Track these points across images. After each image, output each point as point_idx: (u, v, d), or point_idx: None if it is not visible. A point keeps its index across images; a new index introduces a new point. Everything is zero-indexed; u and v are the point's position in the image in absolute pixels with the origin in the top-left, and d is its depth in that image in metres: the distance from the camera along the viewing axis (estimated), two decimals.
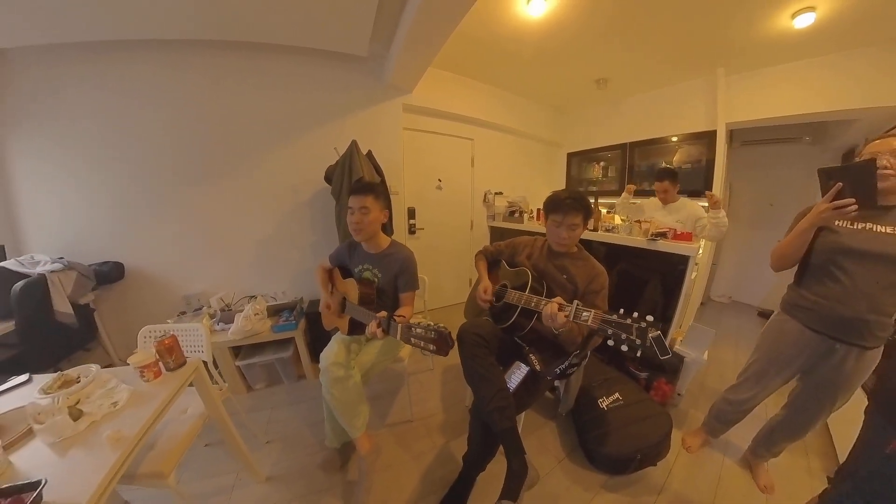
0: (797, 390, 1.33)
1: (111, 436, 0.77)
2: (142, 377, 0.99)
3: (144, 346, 1.30)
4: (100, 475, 0.72)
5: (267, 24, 2.06)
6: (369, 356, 1.50)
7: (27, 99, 2.06)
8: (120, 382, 0.97)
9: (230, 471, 1.51)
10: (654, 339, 0.92)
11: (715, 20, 2.18)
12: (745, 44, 2.43)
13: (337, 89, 2.60)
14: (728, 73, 2.84)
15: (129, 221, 2.32)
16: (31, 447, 0.82)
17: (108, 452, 0.76)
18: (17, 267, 1.96)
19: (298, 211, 2.62)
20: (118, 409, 0.89)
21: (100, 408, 0.88)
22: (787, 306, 1.29)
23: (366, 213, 1.45)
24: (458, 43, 2.23)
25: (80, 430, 0.83)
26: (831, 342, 1.15)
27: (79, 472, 0.74)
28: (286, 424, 1.85)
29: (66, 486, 0.70)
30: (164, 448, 1.07)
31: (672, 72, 3.04)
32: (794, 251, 1.19)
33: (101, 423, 0.86)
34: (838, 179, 1.02)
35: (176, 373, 1.05)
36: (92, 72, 2.10)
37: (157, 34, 2.07)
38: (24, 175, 2.15)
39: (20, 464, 0.78)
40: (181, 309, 2.36)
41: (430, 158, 3.31)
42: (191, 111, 2.29)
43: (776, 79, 2.66)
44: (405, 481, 1.47)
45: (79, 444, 0.81)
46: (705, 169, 3.02)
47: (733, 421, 1.53)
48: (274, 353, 2.12)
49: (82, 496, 0.68)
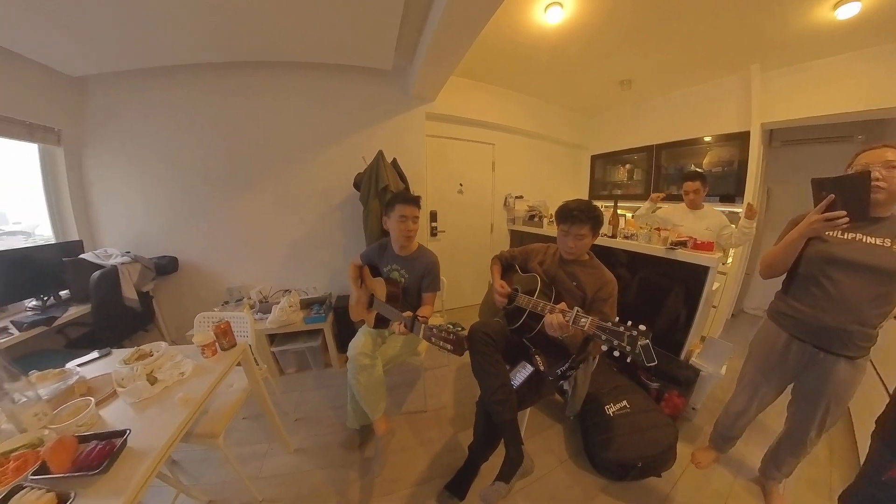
0: (792, 402, 1.32)
1: (182, 398, 0.97)
2: (202, 354, 1.20)
3: (200, 329, 1.52)
4: (172, 428, 0.92)
5: (301, 44, 2.27)
6: (392, 349, 1.66)
7: (98, 122, 2.42)
8: (184, 357, 1.19)
9: (264, 441, 1.74)
10: (643, 347, 1.00)
11: (749, 14, 2.04)
12: (783, 38, 2.24)
13: (364, 102, 2.79)
14: (764, 69, 2.64)
15: (182, 222, 2.64)
16: (116, 405, 1.04)
17: (179, 411, 0.96)
18: (94, 259, 2.28)
19: (329, 215, 2.85)
20: (185, 378, 1.10)
21: (170, 376, 1.09)
22: (773, 313, 1.30)
23: (416, 221, 1.65)
24: (478, 51, 2.23)
25: (155, 393, 1.04)
26: (815, 351, 1.15)
27: (155, 425, 0.94)
28: (313, 405, 2.06)
29: (144, 436, 0.90)
30: (215, 414, 1.28)
31: (701, 70, 2.89)
32: (783, 260, 1.18)
33: (172, 389, 1.07)
34: (831, 191, 1.01)
35: (228, 352, 1.26)
36: (149, 98, 2.44)
37: (206, 58, 2.36)
38: (98, 183, 2.52)
39: (107, 417, 0.99)
40: (224, 299, 2.64)
41: (451, 163, 3.44)
42: (233, 127, 2.58)
43: (818, 74, 2.44)
44: (415, 464, 1.62)
45: (154, 404, 1.02)
46: (737, 172, 2.87)
47: (734, 437, 1.52)
48: (305, 342, 2.35)
49: (158, 443, 0.88)
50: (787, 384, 1.31)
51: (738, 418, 1.45)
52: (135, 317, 2.35)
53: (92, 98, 2.40)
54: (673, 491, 1.49)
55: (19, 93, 2.08)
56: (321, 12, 1.88)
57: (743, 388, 1.41)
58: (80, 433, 0.88)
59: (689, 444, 1.71)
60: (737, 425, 1.47)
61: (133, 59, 2.26)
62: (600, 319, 1.09)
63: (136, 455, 0.84)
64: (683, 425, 1.84)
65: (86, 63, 2.25)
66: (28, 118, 2.16)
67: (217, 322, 1.25)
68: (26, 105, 2.13)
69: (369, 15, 1.91)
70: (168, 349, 1.22)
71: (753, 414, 1.41)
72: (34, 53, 2.07)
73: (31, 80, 2.13)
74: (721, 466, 1.61)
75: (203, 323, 1.55)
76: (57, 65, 2.22)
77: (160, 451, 0.85)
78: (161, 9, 1.76)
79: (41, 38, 1.93)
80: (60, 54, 2.13)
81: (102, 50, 2.11)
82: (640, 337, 1.01)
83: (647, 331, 1.03)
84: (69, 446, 0.83)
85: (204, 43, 2.17)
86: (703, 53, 2.58)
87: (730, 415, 1.48)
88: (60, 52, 2.11)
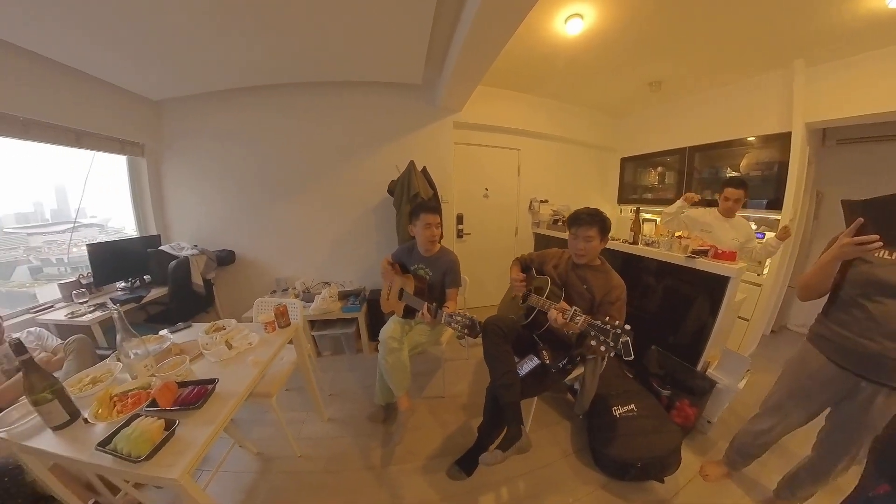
0: (825, 429, 1.23)
1: (253, 360, 1.27)
2: (265, 330, 1.50)
3: (258, 310, 1.84)
4: (247, 381, 1.20)
5: (341, 65, 2.58)
6: (417, 337, 1.89)
7: (173, 137, 2.92)
8: (250, 332, 1.49)
9: (303, 410, 2.05)
10: (623, 343, 1.17)
11: (792, 6, 1.92)
12: (831, 29, 2.05)
13: (396, 115, 3.05)
14: (809, 64, 2.41)
15: (240, 221, 3.07)
16: (202, 363, 1.35)
17: (251, 369, 1.25)
18: (169, 250, 2.72)
19: (365, 217, 3.16)
20: (252, 346, 1.40)
21: (242, 344, 1.39)
22: (813, 336, 1.20)
23: (439, 227, 1.88)
24: (502, 61, 2.23)
25: (231, 356, 1.34)
26: (856, 379, 1.06)
27: (234, 379, 1.23)
28: (345, 384, 2.36)
29: (226, 386, 1.18)
30: (270, 379, 1.57)
31: (738, 68, 2.70)
32: (819, 282, 1.12)
33: (244, 354, 1.37)
34: (861, 214, 0.96)
35: (285, 330, 1.57)
36: (213, 116, 2.89)
37: (259, 81, 2.75)
38: (172, 187, 3.01)
39: (197, 371, 1.30)
40: (273, 288, 3.01)
41: (478, 169, 3.59)
42: (282, 140, 2.96)
43: (871, 68, 2.20)
44: (430, 441, 1.83)
45: (231, 364, 1.32)
46: (777, 176, 2.63)
47: (752, 455, 1.45)
48: (341, 328, 2.67)
49: (237, 390, 1.16)
50: (821, 411, 1.22)
51: (758, 437, 1.38)
52: (200, 299, 2.77)
53: (168, 117, 2.89)
54: (675, 498, 1.49)
55: (114, 115, 2.57)
56: (359, 37, 2.15)
57: (769, 408, 1.35)
58: (178, 380, 1.18)
59: (700, 456, 1.70)
60: (756, 444, 1.40)
61: (199, 85, 2.71)
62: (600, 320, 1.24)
63: (221, 398, 1.12)
64: (696, 437, 1.83)
65: (163, 89, 2.72)
66: (121, 135, 2.66)
67: (276, 305, 1.55)
68: (119, 125, 2.62)
69: (400, 36, 2.13)
70: (237, 324, 1.54)
71: (776, 436, 1.34)
72: (125, 82, 2.56)
73: (122, 105, 2.63)
74: (732, 483, 1.55)
75: (261, 306, 1.87)
76: (142, 91, 2.72)
77: (240, 396, 1.14)
78: (221, 42, 2.12)
79: (130, 70, 2.39)
80: (144, 82, 2.62)
81: (176, 77, 2.56)
82: (623, 335, 1.18)
83: (629, 330, 1.19)
84: (172, 389, 1.12)
85: (257, 68, 2.55)
86: (740, 51, 2.43)
87: (750, 432, 1.41)
88: (144, 81, 2.59)
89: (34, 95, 2.05)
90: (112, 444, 0.91)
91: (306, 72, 2.67)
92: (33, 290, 2.55)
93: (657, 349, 2.06)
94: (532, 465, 1.65)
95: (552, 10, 2.06)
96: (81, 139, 2.40)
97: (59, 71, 2.14)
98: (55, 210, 2.89)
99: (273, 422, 1.91)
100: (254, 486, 1.57)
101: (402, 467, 1.67)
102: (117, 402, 1.07)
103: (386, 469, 1.66)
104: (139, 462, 0.86)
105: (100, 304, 2.27)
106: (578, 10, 2.05)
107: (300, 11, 1.83)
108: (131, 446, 0.88)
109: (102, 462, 0.91)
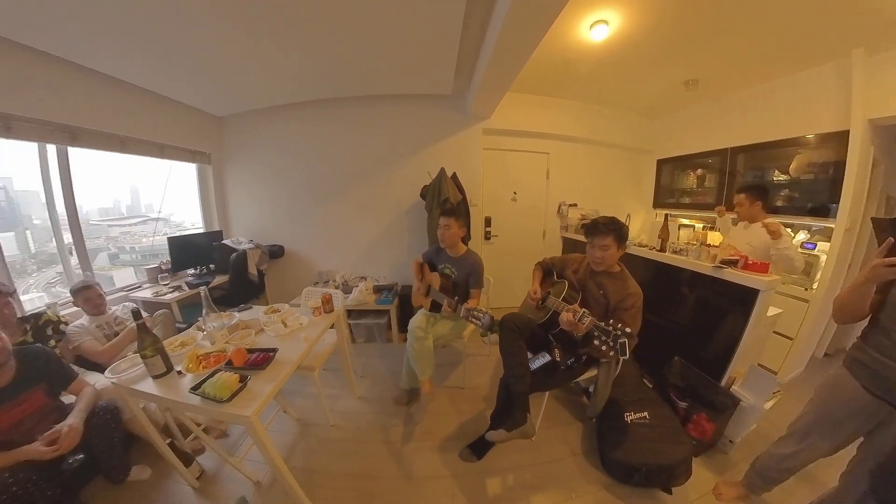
0: (856, 459, 1.13)
1: (304, 336, 1.55)
2: (313, 314, 1.78)
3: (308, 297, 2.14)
4: (299, 352, 1.48)
5: (379, 80, 2.84)
6: (442, 329, 2.10)
7: (233, 147, 3.39)
8: (301, 314, 1.77)
9: (337, 387, 2.35)
10: (620, 343, 1.30)
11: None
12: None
13: (429, 124, 3.28)
14: (870, 53, 2.14)
15: (288, 220, 3.48)
16: (263, 336, 1.65)
17: (303, 343, 1.53)
18: (230, 244, 3.12)
19: (399, 219, 3.43)
20: (303, 326, 1.68)
21: (294, 324, 1.67)
22: (849, 360, 1.13)
23: (448, 228, 2.08)
24: (530, 68, 2.23)
25: (286, 332, 1.63)
26: (891, 409, 0.99)
27: (289, 350, 1.50)
28: (375, 368, 2.63)
29: (283, 355, 1.45)
30: (314, 356, 1.85)
31: (784, 61, 2.47)
32: (851, 305, 1.05)
33: (296, 332, 1.65)
34: (891, 233, 0.90)
35: (329, 315, 1.85)
36: (266, 129, 3.31)
37: (307, 97, 3.11)
38: (232, 190, 3.49)
39: (259, 342, 1.58)
40: (315, 280, 3.37)
41: (507, 173, 3.65)
42: (326, 148, 3.32)
43: None
44: (447, 425, 2.00)
45: (287, 339, 1.60)
46: (833, 179, 2.36)
47: (774, 479, 1.36)
48: (374, 319, 2.96)
49: (292, 359, 1.43)
50: (849, 442, 1.15)
51: (781, 461, 1.31)
52: (253, 287, 3.15)
53: (229, 130, 3.36)
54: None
55: (187, 130, 3.06)
56: (393, 55, 2.36)
57: (794, 432, 1.27)
58: (247, 347, 1.47)
59: (717, 475, 1.64)
60: (779, 468, 1.32)
61: (255, 102, 3.16)
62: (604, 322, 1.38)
63: (280, 363, 1.40)
64: (716, 456, 1.77)
65: (226, 107, 3.20)
66: (191, 146, 3.14)
67: (323, 293, 1.83)
68: (190, 137, 3.11)
69: (430, 52, 2.29)
70: (289, 308, 1.83)
71: (800, 463, 1.26)
72: (196, 102, 3.05)
73: (194, 121, 3.12)
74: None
75: (309, 294, 2.17)
76: (209, 109, 3.21)
77: (294, 363, 1.42)
78: (275, 67, 2.47)
79: (201, 92, 2.86)
80: (211, 102, 3.10)
81: (236, 97, 3.01)
82: (621, 336, 1.31)
83: (628, 333, 1.31)
84: (243, 353, 1.41)
85: (305, 87, 2.91)
86: (786, 42, 2.22)
87: (773, 456, 1.34)
88: (211, 101, 3.08)
89: (130, 118, 2.54)
90: (201, 389, 1.20)
91: (347, 88, 2.98)
92: (111, 273, 3.03)
93: (680, 360, 2.03)
94: (540, 458, 1.76)
95: (576, 18, 2.07)
96: (164, 151, 2.89)
97: (147, 96, 2.64)
98: (129, 206, 3.45)
99: (312, 395, 2.21)
100: (293, 445, 1.86)
101: (420, 445, 1.85)
102: (202, 359, 1.37)
103: (405, 445, 1.86)
104: (222, 403, 1.14)
105: (177, 286, 2.69)
106: (603, 16, 2.06)
107: (342, 37, 2.07)
108: (216, 391, 1.17)
109: (192, 402, 1.20)
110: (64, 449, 1.26)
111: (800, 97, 2.62)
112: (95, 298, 2.00)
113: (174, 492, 1.58)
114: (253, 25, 1.89)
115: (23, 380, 1.35)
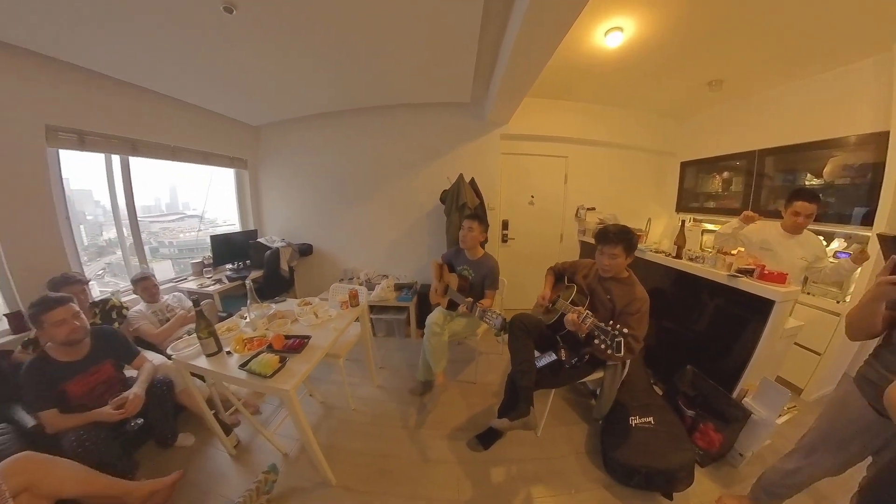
0: (866, 478, 1.12)
1: (334, 326, 1.73)
2: (340, 307, 1.98)
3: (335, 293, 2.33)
4: (329, 339, 1.68)
5: (401, 90, 3.02)
6: (457, 326, 2.24)
7: (268, 154, 3.68)
8: (329, 307, 1.97)
9: (357, 376, 2.54)
10: (616, 342, 1.42)
11: None
12: None
13: (447, 131, 3.42)
14: None
15: (316, 222, 3.74)
16: (297, 325, 1.85)
17: (332, 332, 1.73)
18: (265, 242, 3.39)
19: (419, 221, 3.61)
20: (332, 318, 1.88)
21: (325, 315, 1.87)
22: (858, 377, 1.11)
23: (471, 231, 2.23)
24: (547, 74, 2.20)
25: (317, 322, 1.83)
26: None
27: (320, 337, 1.70)
28: (393, 361, 2.81)
29: (315, 341, 1.64)
30: (340, 345, 2.04)
31: (816, 59, 2.33)
32: (862, 321, 1.02)
33: (326, 322, 1.85)
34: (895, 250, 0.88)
35: (354, 309, 2.04)
36: (298, 137, 3.59)
37: (335, 107, 3.35)
38: (266, 192, 3.79)
39: (294, 330, 1.79)
40: (341, 277, 3.60)
41: (524, 177, 3.69)
42: (353, 155, 3.54)
43: None
44: (458, 416, 2.13)
45: (318, 329, 1.80)
46: (871, 185, 2.19)
47: (779, 495, 1.33)
48: (394, 314, 3.16)
49: (322, 345, 1.63)
50: (855, 461, 1.13)
51: (785, 477, 1.28)
52: (284, 282, 3.40)
53: (264, 138, 3.67)
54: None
55: (225, 138, 3.38)
56: (415, 68, 2.53)
57: (800, 447, 1.26)
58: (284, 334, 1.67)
59: (723, 488, 1.62)
60: (784, 484, 1.29)
61: (288, 112, 3.44)
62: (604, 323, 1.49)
63: (313, 349, 1.60)
64: (723, 468, 1.74)
65: (261, 117, 3.50)
66: (230, 153, 3.46)
67: (350, 289, 2.05)
68: (229, 145, 3.43)
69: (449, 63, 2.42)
70: (319, 301, 2.04)
71: (805, 480, 1.23)
72: (235, 114, 3.36)
73: (232, 131, 3.44)
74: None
75: (336, 290, 2.37)
76: (246, 119, 3.52)
77: (325, 348, 1.62)
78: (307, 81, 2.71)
79: (239, 105, 3.16)
80: (248, 113, 3.42)
81: (271, 108, 3.30)
82: (618, 336, 1.42)
83: (625, 332, 1.43)
84: (281, 338, 1.61)
85: (333, 98, 3.14)
86: (819, 38, 2.10)
87: (778, 470, 1.31)
88: (248, 112, 3.39)
89: (180, 130, 2.87)
90: (249, 366, 1.41)
91: (371, 98, 3.19)
92: (152, 266, 3.28)
93: (692, 369, 2.01)
94: (543, 454, 1.84)
95: (590, 27, 2.10)
96: (208, 158, 3.21)
97: (194, 111, 2.97)
98: (168, 203, 3.79)
99: (335, 381, 2.42)
100: (317, 425, 2.06)
101: (431, 432, 1.99)
102: (247, 342, 1.59)
103: (418, 431, 2.01)
104: (266, 378, 1.34)
105: (217, 279, 2.96)
106: (617, 23, 2.06)
107: (367, 53, 2.24)
108: (261, 368, 1.37)
109: (240, 376, 1.41)
110: (129, 413, 1.51)
111: (835, 96, 2.45)
112: (151, 288, 2.29)
113: (214, 457, 1.80)
114: (288, 45, 2.10)
115: (96, 354, 1.62)
